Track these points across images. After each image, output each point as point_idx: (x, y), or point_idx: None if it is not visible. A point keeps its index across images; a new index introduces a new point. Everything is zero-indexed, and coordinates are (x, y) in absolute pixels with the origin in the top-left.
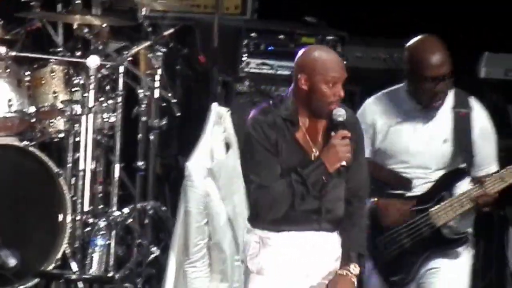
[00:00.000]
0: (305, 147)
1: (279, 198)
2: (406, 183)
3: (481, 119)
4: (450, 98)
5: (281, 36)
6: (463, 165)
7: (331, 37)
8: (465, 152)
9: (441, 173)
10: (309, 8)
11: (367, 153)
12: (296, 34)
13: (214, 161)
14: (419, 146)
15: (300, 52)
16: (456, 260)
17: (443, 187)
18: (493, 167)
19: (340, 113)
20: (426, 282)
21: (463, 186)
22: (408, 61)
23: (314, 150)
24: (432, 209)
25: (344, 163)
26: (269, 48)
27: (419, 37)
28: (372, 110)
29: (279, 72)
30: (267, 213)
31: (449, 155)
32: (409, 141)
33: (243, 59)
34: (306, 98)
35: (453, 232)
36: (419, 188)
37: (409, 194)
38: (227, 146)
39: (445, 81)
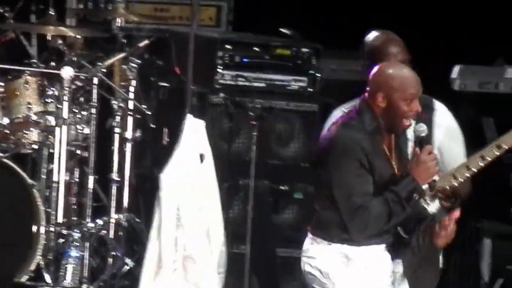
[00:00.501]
0: (390, 162)
1: (377, 217)
2: None
3: (445, 120)
4: None
5: (256, 48)
6: None
7: (306, 49)
8: None
9: None
10: (284, 20)
11: None
12: (271, 46)
13: (189, 172)
14: None
15: (375, 70)
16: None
17: None
18: None
19: (422, 129)
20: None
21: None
22: (366, 53)
23: (393, 164)
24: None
25: (435, 177)
26: (244, 60)
27: (374, 31)
28: None
29: (254, 84)
30: (361, 232)
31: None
32: None
33: (218, 71)
34: (382, 114)
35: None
36: None
37: None
38: (202, 158)
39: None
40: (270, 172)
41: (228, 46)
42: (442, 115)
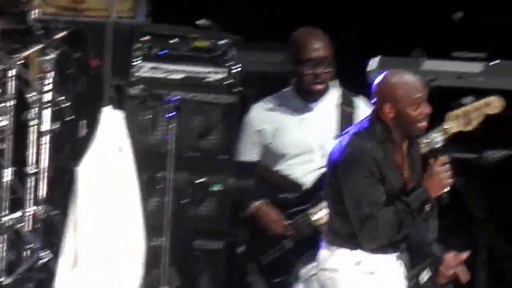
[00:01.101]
0: (401, 171)
1: (386, 227)
2: (296, 187)
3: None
4: (336, 96)
5: (174, 40)
6: None
7: (224, 41)
8: None
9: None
10: (202, 12)
11: (257, 156)
12: (189, 37)
13: (107, 165)
14: (306, 141)
15: (377, 81)
16: None
17: (322, 186)
18: None
19: (437, 140)
20: (312, 285)
21: None
22: (290, 49)
23: (404, 173)
24: (311, 209)
25: (447, 189)
26: (162, 52)
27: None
28: (259, 114)
29: (172, 76)
30: (370, 241)
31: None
32: (297, 137)
33: (136, 63)
34: (394, 123)
35: None
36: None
37: (290, 195)
38: (121, 150)
39: (324, 65)
40: (188, 164)
41: (145, 38)
42: (363, 112)
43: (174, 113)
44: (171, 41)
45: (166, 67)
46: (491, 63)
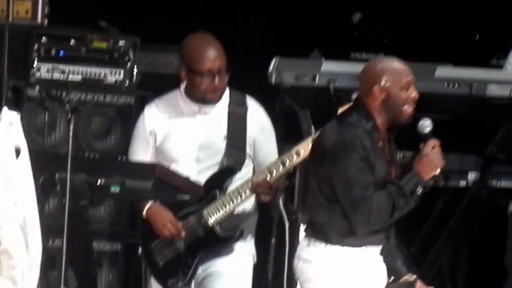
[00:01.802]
0: (386, 157)
1: (380, 210)
2: (194, 187)
3: (258, 117)
4: (225, 97)
5: (72, 41)
6: (232, 164)
7: (123, 43)
8: (238, 150)
9: (214, 170)
10: (101, 14)
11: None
12: (87, 39)
13: (3, 166)
14: (198, 142)
15: (367, 67)
16: (236, 262)
17: (214, 186)
18: None
19: (426, 124)
20: (206, 286)
21: (235, 184)
22: (183, 57)
23: (389, 160)
24: (204, 208)
25: (438, 171)
26: (60, 53)
27: (192, 34)
28: (151, 115)
29: (70, 77)
30: (365, 225)
31: (223, 152)
32: (188, 139)
33: (34, 64)
34: (382, 108)
35: (226, 229)
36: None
37: (184, 196)
38: (17, 152)
39: (220, 75)
40: (86, 165)
41: (44, 39)
42: (254, 111)
43: (72, 114)
44: (69, 42)
45: (65, 68)
46: None
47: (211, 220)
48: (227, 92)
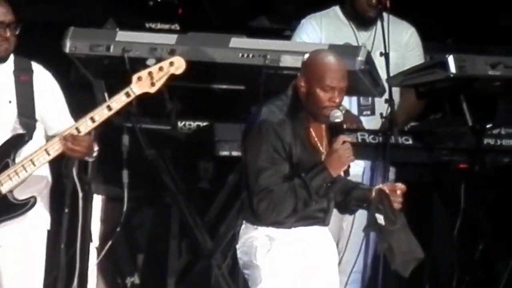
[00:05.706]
0: (316, 148)
1: (281, 201)
2: None
3: (45, 80)
4: (10, 63)
5: None
6: (23, 131)
7: None
8: (27, 118)
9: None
10: None
11: None
12: None
13: None
14: None
15: (310, 53)
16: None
17: (4, 154)
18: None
19: (336, 115)
20: None
21: (27, 151)
22: None
23: (322, 150)
24: None
25: (346, 167)
26: None
27: None
28: None
29: None
30: (268, 216)
31: (13, 118)
32: None
33: None
34: (304, 100)
35: (20, 198)
36: None
37: None
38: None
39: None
40: None
41: None
42: (41, 76)
43: None
44: None
45: None
46: (183, 35)
47: (3, 188)
48: (11, 58)
